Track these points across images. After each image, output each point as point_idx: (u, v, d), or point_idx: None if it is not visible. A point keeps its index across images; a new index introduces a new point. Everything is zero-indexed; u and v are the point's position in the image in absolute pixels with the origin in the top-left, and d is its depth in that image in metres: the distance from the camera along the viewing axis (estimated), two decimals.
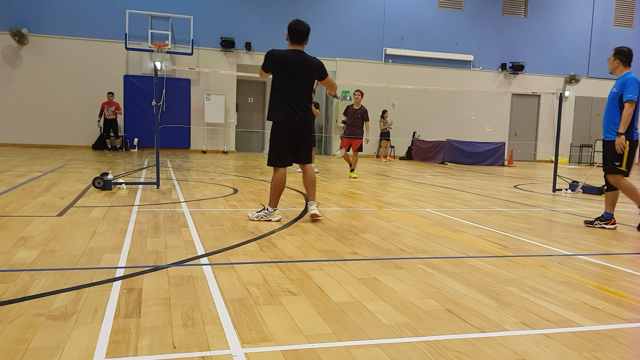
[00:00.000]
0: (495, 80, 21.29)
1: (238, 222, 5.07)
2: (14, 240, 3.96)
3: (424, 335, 2.41)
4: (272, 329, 2.41)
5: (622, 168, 5.37)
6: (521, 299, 3.02)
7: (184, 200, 6.44)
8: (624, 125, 5.24)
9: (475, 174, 13.04)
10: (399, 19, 19.93)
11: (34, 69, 17.02)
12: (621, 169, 5.37)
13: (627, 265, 3.97)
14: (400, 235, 4.79)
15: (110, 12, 17.31)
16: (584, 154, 21.74)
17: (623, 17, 22.36)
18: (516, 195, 8.51)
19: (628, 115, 5.22)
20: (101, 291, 2.86)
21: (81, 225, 4.65)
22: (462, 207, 6.85)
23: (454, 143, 17.33)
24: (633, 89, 5.22)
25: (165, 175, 9.33)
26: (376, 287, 3.12)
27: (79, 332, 2.30)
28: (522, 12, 21.46)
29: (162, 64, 8.31)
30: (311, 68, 5.23)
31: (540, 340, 2.41)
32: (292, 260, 3.70)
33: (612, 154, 5.42)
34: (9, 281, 2.96)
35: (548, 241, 4.77)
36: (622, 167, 5.36)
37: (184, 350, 2.15)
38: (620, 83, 5.38)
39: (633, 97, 5.19)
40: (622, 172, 5.40)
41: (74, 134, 17.32)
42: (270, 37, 18.81)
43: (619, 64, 5.51)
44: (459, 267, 3.68)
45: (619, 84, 5.39)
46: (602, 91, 22.12)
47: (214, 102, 18.18)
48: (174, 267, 3.40)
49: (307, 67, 5.21)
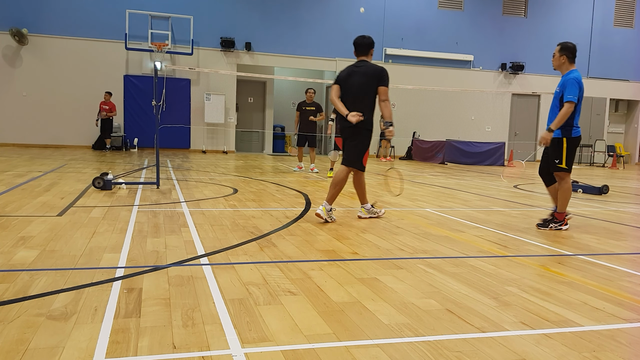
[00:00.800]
0: (495, 80, 21.29)
1: (238, 222, 5.07)
2: (14, 240, 3.96)
3: (424, 335, 2.41)
4: (272, 329, 2.41)
5: (562, 165, 5.23)
6: (521, 299, 3.02)
7: (184, 200, 6.44)
8: (557, 123, 5.09)
9: (475, 174, 13.04)
10: (399, 18, 19.92)
11: (34, 69, 17.02)
12: (561, 166, 5.23)
13: (627, 265, 3.97)
14: (400, 235, 4.79)
15: (110, 12, 17.31)
16: (584, 154, 21.74)
17: (623, 17, 22.36)
18: (516, 195, 8.51)
19: (564, 115, 5.06)
20: (101, 291, 2.86)
21: (81, 225, 4.65)
22: (462, 207, 6.85)
23: (454, 143, 17.33)
24: (573, 89, 5.07)
25: (165, 175, 9.33)
26: (376, 287, 3.12)
27: (79, 332, 2.30)
28: (522, 12, 21.46)
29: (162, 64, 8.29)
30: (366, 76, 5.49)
31: (540, 340, 2.41)
32: (292, 260, 3.70)
33: (553, 151, 5.27)
34: (9, 281, 2.96)
35: (548, 241, 4.77)
36: (562, 164, 5.22)
37: (184, 350, 2.15)
38: (562, 83, 5.24)
39: (573, 99, 5.04)
40: (563, 170, 5.25)
41: (74, 134, 17.32)
42: (270, 37, 18.82)
43: (565, 60, 5.28)
44: (459, 267, 3.68)
45: (561, 84, 5.25)
46: (602, 91, 22.13)
47: (213, 102, 18.18)
48: (174, 267, 3.40)
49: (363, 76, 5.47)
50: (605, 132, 22.60)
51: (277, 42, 18.94)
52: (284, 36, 18.94)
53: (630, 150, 23.01)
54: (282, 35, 18.93)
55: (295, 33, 19.05)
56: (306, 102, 11.48)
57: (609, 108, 22.66)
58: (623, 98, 22.82)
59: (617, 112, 23.14)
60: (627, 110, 23.31)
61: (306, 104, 11.46)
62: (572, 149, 5.27)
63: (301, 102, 11.61)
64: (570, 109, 5.09)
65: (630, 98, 22.84)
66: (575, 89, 5.10)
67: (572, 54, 5.30)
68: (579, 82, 5.14)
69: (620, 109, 23.18)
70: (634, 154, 23.04)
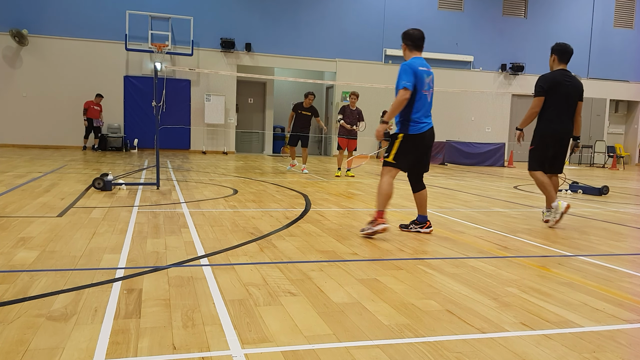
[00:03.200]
0: (495, 80, 21.30)
1: (238, 223, 5.07)
2: (14, 241, 3.96)
3: (424, 336, 2.41)
4: (272, 330, 2.41)
5: (389, 159, 4.76)
6: (521, 299, 3.02)
7: (184, 201, 6.44)
8: (391, 114, 4.62)
9: (475, 175, 13.04)
10: (399, 19, 19.91)
11: (34, 70, 17.02)
12: (387, 160, 4.77)
13: (627, 266, 3.97)
14: (400, 235, 4.79)
15: (110, 12, 17.31)
16: (584, 155, 21.74)
17: (623, 17, 22.36)
18: (516, 196, 8.51)
19: (397, 103, 4.59)
20: (101, 292, 2.86)
21: (81, 226, 4.65)
22: (462, 207, 6.85)
23: (454, 144, 17.34)
24: (405, 76, 4.60)
25: (165, 176, 9.33)
26: (376, 288, 3.12)
27: (79, 332, 2.30)
28: (522, 13, 21.46)
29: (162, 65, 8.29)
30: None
31: (540, 341, 2.41)
32: (292, 261, 3.70)
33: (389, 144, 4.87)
34: (9, 282, 2.96)
35: (548, 242, 4.77)
36: (389, 158, 4.76)
37: (184, 350, 2.15)
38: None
39: (406, 84, 4.56)
40: (388, 164, 4.76)
41: (74, 135, 17.30)
42: (271, 38, 18.82)
43: (405, 48, 4.89)
44: (459, 268, 3.68)
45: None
46: (602, 92, 22.13)
47: (214, 103, 18.18)
48: (174, 267, 3.40)
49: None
50: (605, 132, 22.60)
51: (277, 43, 18.95)
52: (284, 37, 18.95)
53: (630, 151, 23.01)
54: (282, 36, 18.94)
55: (295, 34, 19.06)
56: (304, 105, 11.45)
57: (609, 109, 22.66)
58: (623, 99, 22.82)
59: (617, 112, 23.14)
60: (627, 111, 23.31)
61: (303, 108, 11.42)
62: (409, 147, 4.74)
63: (298, 103, 11.56)
64: (405, 95, 4.57)
65: (630, 99, 22.84)
66: (408, 75, 4.60)
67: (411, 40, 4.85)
68: (411, 67, 4.62)
69: (620, 110, 23.18)
70: (634, 155, 23.03)
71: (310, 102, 11.39)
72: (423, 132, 4.73)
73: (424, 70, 4.72)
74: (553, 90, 5.51)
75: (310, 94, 11.45)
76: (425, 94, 4.74)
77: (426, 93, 4.74)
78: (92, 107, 16.60)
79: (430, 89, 4.79)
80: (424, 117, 4.73)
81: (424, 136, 4.75)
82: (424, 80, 4.68)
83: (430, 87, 4.79)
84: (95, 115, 16.68)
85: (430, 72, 4.81)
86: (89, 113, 16.58)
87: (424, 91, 4.71)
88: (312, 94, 11.53)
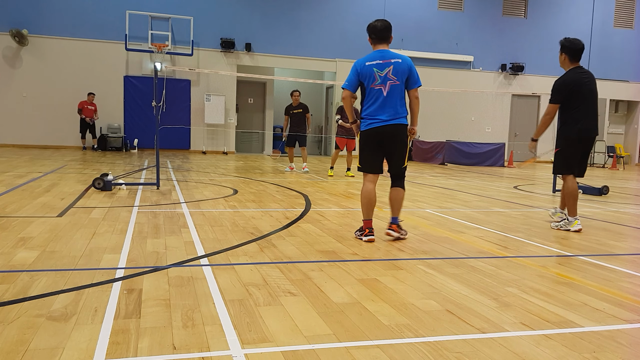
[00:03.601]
0: (495, 81, 21.30)
1: (238, 223, 5.07)
2: (14, 241, 3.96)
3: (424, 336, 2.41)
4: (272, 330, 2.41)
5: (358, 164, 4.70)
6: (521, 299, 3.02)
7: (184, 201, 6.44)
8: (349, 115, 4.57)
9: (475, 175, 13.04)
10: (399, 19, 19.90)
11: (34, 70, 17.03)
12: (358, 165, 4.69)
13: (627, 266, 3.97)
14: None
15: (110, 12, 17.31)
16: None
17: (623, 17, 22.37)
18: (516, 196, 8.51)
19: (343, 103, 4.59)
20: (101, 292, 2.86)
21: (81, 226, 4.65)
22: (462, 207, 6.85)
23: (453, 144, 17.34)
24: (348, 75, 4.53)
25: (165, 176, 9.33)
26: (376, 288, 3.12)
27: (79, 332, 2.30)
28: (522, 13, 21.46)
29: (162, 65, 8.29)
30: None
31: (540, 341, 2.41)
32: (292, 261, 3.70)
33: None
34: (9, 282, 2.96)
35: (548, 242, 4.77)
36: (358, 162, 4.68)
37: (184, 351, 2.15)
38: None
39: (344, 84, 4.51)
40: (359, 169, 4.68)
41: (74, 135, 17.30)
42: (270, 38, 18.82)
43: (370, 42, 4.63)
44: (458, 268, 3.67)
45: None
46: (602, 92, 22.07)
47: (214, 103, 18.19)
48: (174, 267, 3.40)
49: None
50: (605, 132, 22.59)
51: (277, 43, 18.95)
52: (284, 37, 18.95)
53: (630, 151, 23.01)
54: (282, 36, 18.94)
55: (295, 34, 19.06)
56: (292, 105, 11.53)
57: (609, 109, 22.66)
58: (623, 99, 22.82)
59: (617, 112, 23.13)
60: (627, 111, 23.31)
61: (293, 107, 11.52)
62: (363, 145, 4.57)
63: (288, 105, 11.69)
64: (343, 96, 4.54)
65: (630, 99, 22.84)
66: (351, 74, 4.51)
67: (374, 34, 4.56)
68: (355, 65, 4.48)
69: (620, 110, 23.18)
70: (634, 155, 23.04)
71: (298, 99, 11.45)
72: (374, 128, 4.44)
73: (374, 63, 4.41)
74: (576, 92, 5.24)
75: (296, 91, 11.57)
76: (378, 88, 4.41)
77: (379, 87, 4.41)
78: (87, 107, 16.65)
79: (388, 81, 4.41)
80: (378, 114, 4.42)
81: (375, 132, 4.44)
82: (372, 75, 4.40)
83: (388, 80, 4.41)
84: (90, 114, 16.71)
85: (390, 63, 4.41)
86: (84, 112, 16.62)
87: (375, 86, 4.41)
88: (297, 90, 11.66)
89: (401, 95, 4.49)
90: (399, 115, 4.46)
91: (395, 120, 4.44)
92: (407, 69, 4.45)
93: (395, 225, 4.59)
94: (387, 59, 4.44)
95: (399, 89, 4.44)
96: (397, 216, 4.62)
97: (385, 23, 4.54)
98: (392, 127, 4.44)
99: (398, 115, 4.46)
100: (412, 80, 4.47)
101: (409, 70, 4.46)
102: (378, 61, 4.44)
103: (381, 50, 4.50)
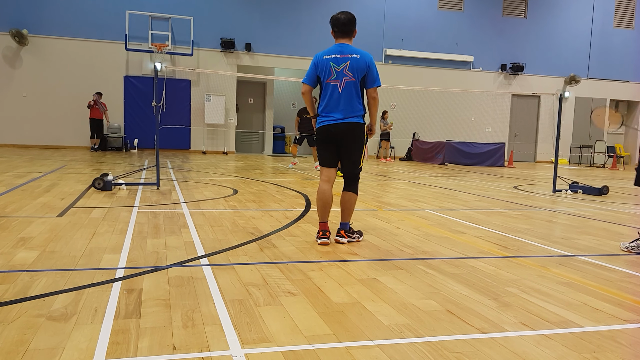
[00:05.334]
0: (495, 81, 21.30)
1: (238, 223, 5.07)
2: (14, 241, 3.96)
3: (424, 336, 2.41)
4: (272, 330, 2.41)
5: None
6: (521, 299, 3.02)
7: (184, 201, 6.44)
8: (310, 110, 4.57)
9: (475, 175, 13.04)
10: (399, 19, 19.93)
11: (34, 70, 17.02)
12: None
13: (627, 266, 3.97)
14: (400, 236, 4.79)
15: (110, 13, 17.31)
16: (584, 155, 21.74)
17: (623, 18, 22.36)
18: (516, 196, 8.51)
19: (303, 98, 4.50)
20: (101, 292, 2.86)
21: (81, 226, 4.65)
22: (462, 207, 6.85)
23: (454, 144, 17.33)
24: (308, 69, 4.42)
25: (165, 176, 9.33)
26: (376, 288, 3.12)
27: (79, 332, 2.30)
28: (522, 13, 21.46)
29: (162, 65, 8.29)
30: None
31: (540, 341, 2.41)
32: (292, 261, 3.70)
33: None
34: (9, 282, 2.96)
35: (548, 242, 4.77)
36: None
37: (184, 351, 2.15)
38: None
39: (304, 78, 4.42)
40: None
41: (73, 135, 17.32)
42: (271, 38, 18.82)
43: (332, 34, 4.44)
44: (459, 268, 3.67)
45: None
46: (602, 92, 22.13)
47: (214, 103, 18.19)
48: (174, 267, 3.40)
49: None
50: (605, 133, 22.59)
51: (277, 43, 18.95)
52: (284, 37, 18.95)
53: (630, 151, 23.00)
54: (282, 36, 18.94)
55: (295, 34, 19.06)
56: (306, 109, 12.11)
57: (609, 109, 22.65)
58: (623, 99, 22.82)
59: (617, 113, 23.12)
60: (627, 111, 23.31)
61: (306, 112, 11.97)
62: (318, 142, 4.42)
63: (302, 108, 12.56)
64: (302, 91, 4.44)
65: (630, 99, 22.84)
66: (309, 67, 4.39)
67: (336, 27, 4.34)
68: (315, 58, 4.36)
69: (620, 110, 23.18)
70: (634, 155, 23.03)
71: None
72: (326, 126, 4.26)
73: (331, 57, 4.23)
74: None
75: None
76: (334, 84, 4.22)
77: (335, 83, 4.21)
78: (95, 107, 16.63)
79: (344, 77, 4.20)
80: (332, 111, 4.23)
81: (327, 130, 4.25)
82: (328, 69, 4.21)
83: (344, 75, 4.20)
84: (98, 114, 16.65)
85: (347, 58, 4.20)
86: (92, 113, 16.58)
87: (331, 81, 4.23)
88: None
89: (358, 93, 4.26)
90: (354, 113, 4.23)
91: (349, 119, 4.22)
92: (365, 67, 4.21)
93: (343, 230, 4.39)
94: (345, 54, 4.22)
95: (354, 86, 4.21)
96: (348, 222, 4.42)
97: (349, 16, 4.30)
98: (346, 126, 4.22)
99: (354, 113, 4.23)
100: (370, 78, 4.25)
101: (367, 67, 4.22)
102: (336, 55, 4.23)
103: (341, 45, 4.27)
